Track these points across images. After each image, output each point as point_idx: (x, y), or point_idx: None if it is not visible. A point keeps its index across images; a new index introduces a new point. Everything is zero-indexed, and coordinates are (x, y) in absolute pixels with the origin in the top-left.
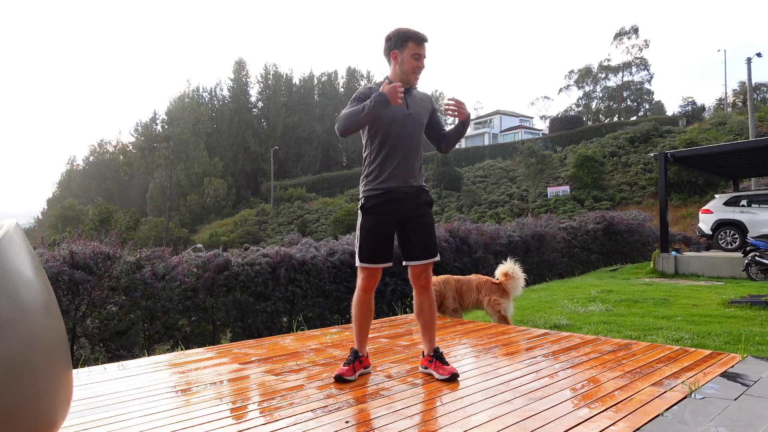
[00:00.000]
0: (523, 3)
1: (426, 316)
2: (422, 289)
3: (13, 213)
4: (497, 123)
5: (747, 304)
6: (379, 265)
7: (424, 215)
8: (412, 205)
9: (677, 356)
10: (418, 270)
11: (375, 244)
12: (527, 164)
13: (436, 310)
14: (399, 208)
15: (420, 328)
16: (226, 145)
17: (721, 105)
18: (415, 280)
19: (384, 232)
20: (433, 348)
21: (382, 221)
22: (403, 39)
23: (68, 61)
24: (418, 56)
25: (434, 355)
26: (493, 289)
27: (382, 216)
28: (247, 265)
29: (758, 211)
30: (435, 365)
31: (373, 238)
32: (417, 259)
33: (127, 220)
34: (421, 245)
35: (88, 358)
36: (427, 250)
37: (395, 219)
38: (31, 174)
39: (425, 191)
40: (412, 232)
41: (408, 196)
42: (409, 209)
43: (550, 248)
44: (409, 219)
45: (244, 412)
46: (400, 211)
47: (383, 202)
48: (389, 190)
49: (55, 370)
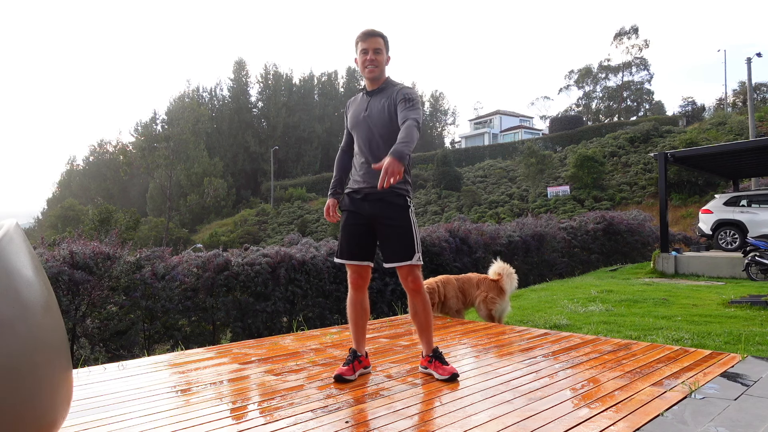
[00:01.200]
0: (524, 3)
1: (420, 318)
2: (412, 291)
3: (13, 213)
4: (497, 123)
5: (747, 304)
6: (353, 262)
7: (392, 217)
8: (378, 206)
9: (677, 356)
10: (402, 272)
11: (347, 240)
12: (527, 164)
13: (431, 312)
14: (361, 207)
15: (416, 331)
16: (226, 145)
17: (721, 105)
18: (404, 282)
19: (355, 229)
20: (432, 348)
21: (352, 219)
22: (355, 43)
23: (68, 61)
24: (365, 50)
25: (433, 356)
26: (491, 287)
27: (352, 214)
28: (247, 265)
29: (758, 211)
30: (434, 365)
31: (346, 234)
32: (389, 261)
33: (127, 220)
34: (390, 248)
35: (88, 358)
36: (399, 253)
37: (360, 217)
38: (31, 174)
39: (395, 193)
40: (381, 234)
41: (369, 197)
42: (375, 209)
43: (550, 248)
44: (378, 220)
45: (244, 412)
46: (366, 210)
47: (352, 200)
48: (355, 190)
49: (55, 370)
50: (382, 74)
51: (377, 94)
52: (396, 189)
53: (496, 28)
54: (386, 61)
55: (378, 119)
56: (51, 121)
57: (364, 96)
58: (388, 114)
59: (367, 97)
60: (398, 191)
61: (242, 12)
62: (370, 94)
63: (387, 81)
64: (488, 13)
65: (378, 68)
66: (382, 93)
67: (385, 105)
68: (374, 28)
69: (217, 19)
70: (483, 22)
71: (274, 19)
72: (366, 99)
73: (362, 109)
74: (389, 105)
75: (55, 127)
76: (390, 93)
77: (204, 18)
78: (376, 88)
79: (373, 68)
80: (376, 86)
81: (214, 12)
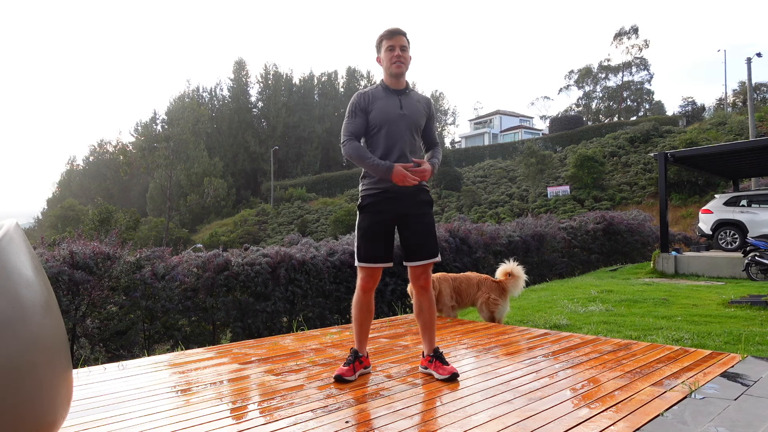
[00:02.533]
0: (524, 3)
1: (425, 316)
2: (422, 289)
3: (13, 213)
4: (497, 123)
5: (747, 304)
6: (378, 264)
7: (422, 215)
8: (408, 203)
9: (677, 356)
10: (417, 271)
11: (372, 243)
12: (527, 164)
13: (436, 311)
14: (394, 206)
15: (420, 329)
16: (226, 145)
17: (721, 105)
18: (415, 280)
19: (381, 231)
20: (433, 348)
21: (377, 220)
22: (378, 42)
23: (68, 61)
24: (392, 47)
25: (434, 355)
26: (492, 287)
27: (378, 215)
28: (247, 265)
29: (758, 211)
30: (435, 365)
31: (370, 237)
32: (416, 260)
33: (127, 220)
34: (420, 245)
35: (88, 358)
36: (426, 251)
37: (391, 217)
38: (31, 174)
39: (424, 190)
40: (411, 232)
41: (402, 195)
42: (404, 208)
43: (550, 248)
44: (407, 218)
45: (244, 412)
46: (395, 210)
47: (379, 201)
48: (385, 189)
49: (55, 370)
50: (406, 71)
51: (406, 94)
52: (425, 187)
53: (496, 28)
54: (409, 60)
55: (415, 119)
56: (51, 121)
57: (390, 93)
58: (420, 119)
59: (394, 94)
60: (425, 187)
61: (242, 12)
62: (399, 93)
63: (407, 82)
64: (488, 13)
65: (405, 65)
66: (410, 95)
67: (419, 108)
68: (398, 27)
69: (217, 19)
70: (483, 22)
71: (274, 19)
72: (395, 97)
73: (396, 106)
74: (422, 111)
75: (55, 127)
76: (420, 99)
77: (204, 18)
78: (402, 88)
79: (401, 64)
80: (400, 86)
81: (214, 12)
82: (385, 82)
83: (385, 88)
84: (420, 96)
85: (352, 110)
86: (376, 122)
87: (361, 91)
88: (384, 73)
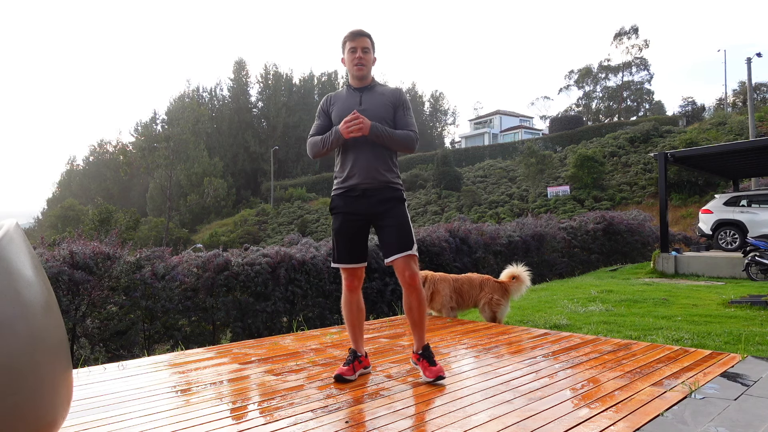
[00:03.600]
0: (524, 3)
1: (414, 314)
2: (408, 286)
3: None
4: (497, 123)
5: (747, 304)
6: (351, 265)
7: (390, 210)
8: (374, 201)
9: (677, 356)
10: (398, 266)
11: (343, 244)
12: (527, 164)
13: (426, 308)
14: (358, 204)
15: (410, 326)
16: (226, 145)
17: (721, 105)
18: (400, 276)
19: (351, 231)
20: (422, 345)
21: (346, 220)
22: (343, 43)
23: (68, 61)
24: (354, 49)
25: (422, 354)
26: (495, 288)
27: (347, 216)
28: (247, 265)
29: (758, 211)
30: (422, 364)
31: (341, 238)
32: (391, 254)
33: (127, 220)
34: (391, 240)
35: (88, 358)
36: (400, 244)
37: (361, 217)
38: (31, 174)
39: (392, 187)
40: (381, 228)
41: (367, 193)
42: (370, 206)
43: (550, 248)
44: (377, 216)
45: (244, 412)
46: (362, 209)
47: (345, 202)
48: (350, 188)
49: (55, 370)
50: (369, 73)
51: (369, 91)
52: (393, 184)
53: (496, 29)
54: (373, 62)
55: (374, 114)
56: (51, 121)
57: (351, 91)
58: (384, 110)
59: (356, 92)
60: (395, 186)
61: (242, 12)
62: (360, 90)
63: (373, 80)
64: (488, 13)
65: (366, 67)
66: (373, 90)
67: (382, 101)
68: (362, 29)
69: (217, 19)
70: (483, 23)
71: (274, 19)
72: (356, 94)
73: (355, 103)
74: (386, 103)
75: (55, 127)
76: (385, 91)
77: (204, 18)
78: (365, 86)
79: (362, 66)
80: (364, 84)
81: (214, 12)
82: (350, 82)
83: (348, 87)
84: (386, 89)
85: (317, 113)
86: (336, 122)
87: (329, 93)
88: (348, 74)
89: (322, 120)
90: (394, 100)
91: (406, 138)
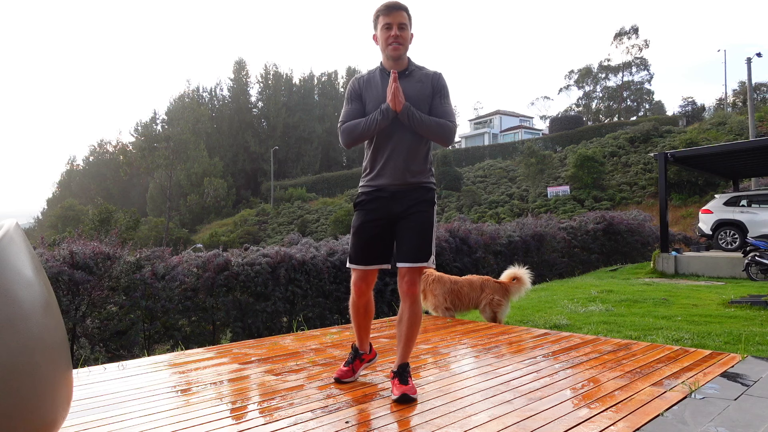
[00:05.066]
0: (524, 3)
1: (403, 327)
2: (405, 295)
3: (13, 213)
4: (497, 123)
5: (747, 304)
6: (367, 267)
7: (417, 212)
8: (403, 203)
9: (677, 356)
10: (401, 272)
11: (361, 244)
12: (527, 164)
13: (419, 325)
14: (386, 206)
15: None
16: (226, 145)
17: (721, 105)
18: (399, 282)
19: (371, 231)
20: (402, 363)
21: (367, 219)
22: (375, 17)
23: (68, 61)
24: (389, 26)
25: (397, 371)
26: (496, 289)
27: (368, 214)
28: (247, 265)
29: (758, 211)
30: (393, 382)
31: (360, 237)
32: (401, 261)
33: (127, 220)
34: (406, 244)
35: (88, 358)
36: (414, 252)
37: (382, 218)
38: (31, 174)
39: (425, 189)
40: (402, 229)
41: (398, 195)
42: (398, 208)
43: (550, 248)
44: (403, 217)
45: (244, 412)
46: (387, 210)
47: (371, 200)
48: (379, 188)
49: (55, 370)
50: (406, 53)
51: (407, 77)
52: (425, 184)
53: (496, 29)
54: (410, 39)
55: (415, 103)
56: (51, 121)
57: (386, 75)
58: (421, 100)
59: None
60: (428, 186)
61: (242, 12)
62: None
63: (410, 61)
64: (488, 13)
65: (403, 46)
66: (412, 75)
67: (420, 89)
68: (398, 0)
69: (217, 19)
70: (483, 22)
71: (274, 19)
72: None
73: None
74: (425, 90)
75: (55, 127)
76: (423, 77)
77: (204, 18)
78: (402, 71)
79: (398, 45)
80: (400, 67)
81: (214, 12)
82: (383, 65)
83: (382, 71)
84: (423, 75)
85: (348, 96)
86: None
87: (357, 75)
88: (381, 54)
89: (355, 105)
90: (433, 86)
91: (442, 126)
